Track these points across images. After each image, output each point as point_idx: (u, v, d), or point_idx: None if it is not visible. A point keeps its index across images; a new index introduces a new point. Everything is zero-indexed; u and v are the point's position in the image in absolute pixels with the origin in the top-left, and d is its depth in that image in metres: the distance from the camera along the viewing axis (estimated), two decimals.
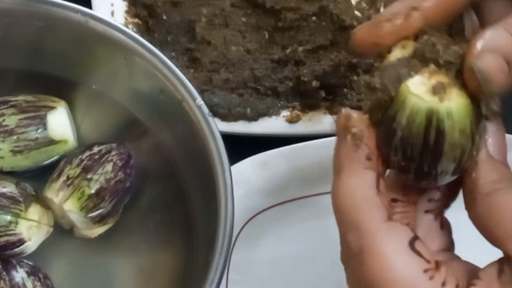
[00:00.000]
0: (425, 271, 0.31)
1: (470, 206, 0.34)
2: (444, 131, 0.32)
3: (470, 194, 0.33)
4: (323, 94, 0.60)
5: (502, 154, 0.34)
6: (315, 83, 0.60)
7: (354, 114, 0.34)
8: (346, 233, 0.33)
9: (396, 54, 0.34)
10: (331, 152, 0.55)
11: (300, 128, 0.60)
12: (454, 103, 0.32)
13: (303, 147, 0.55)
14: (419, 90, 0.32)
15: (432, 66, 0.33)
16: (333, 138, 0.55)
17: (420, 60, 0.33)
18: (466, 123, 0.32)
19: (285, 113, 0.60)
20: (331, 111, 0.60)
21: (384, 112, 0.34)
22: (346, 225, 0.33)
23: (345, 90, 0.61)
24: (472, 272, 0.33)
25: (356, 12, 0.64)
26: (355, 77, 0.61)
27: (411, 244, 0.32)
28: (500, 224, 0.32)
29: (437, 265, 0.32)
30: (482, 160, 0.33)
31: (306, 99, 0.61)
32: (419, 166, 0.34)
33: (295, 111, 0.61)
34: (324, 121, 0.60)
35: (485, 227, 0.33)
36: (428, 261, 0.32)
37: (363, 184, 0.33)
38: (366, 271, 0.32)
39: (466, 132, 0.32)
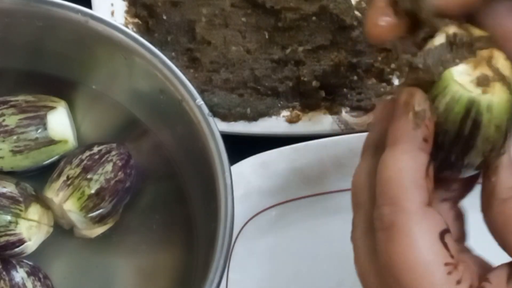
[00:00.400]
0: (446, 264, 0.31)
1: (486, 210, 0.33)
2: (481, 124, 0.32)
3: (488, 198, 0.33)
4: (323, 94, 0.60)
5: None
6: (315, 83, 0.60)
7: (418, 92, 0.33)
8: (383, 205, 0.32)
9: (440, 38, 0.34)
10: (331, 152, 0.56)
11: (300, 128, 0.60)
12: (496, 98, 0.32)
13: (303, 147, 0.55)
14: (463, 79, 0.32)
15: (478, 57, 0.33)
16: (333, 138, 0.56)
17: (463, 47, 0.33)
18: (503, 119, 0.32)
19: (285, 113, 0.60)
20: (331, 111, 0.60)
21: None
22: (386, 197, 0.32)
23: (345, 90, 0.61)
24: (483, 269, 0.33)
25: (356, 12, 0.64)
26: (355, 77, 0.61)
27: (442, 234, 0.32)
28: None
29: (457, 263, 0.32)
30: (503, 165, 0.33)
31: (306, 99, 0.61)
32: (447, 156, 0.33)
33: (295, 111, 0.61)
34: (324, 121, 0.60)
35: (499, 233, 0.32)
36: (452, 256, 0.31)
37: (414, 165, 0.32)
38: (390, 246, 0.31)
39: (501, 129, 0.32)
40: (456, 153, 0.33)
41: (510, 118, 0.32)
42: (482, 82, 0.32)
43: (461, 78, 0.32)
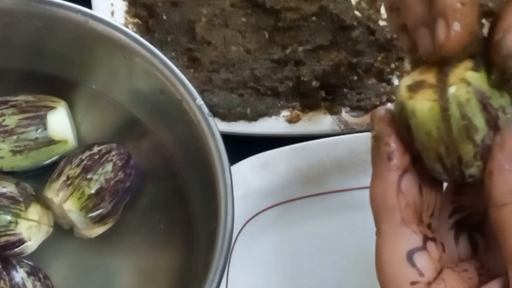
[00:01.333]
0: (412, 283, 0.32)
1: (488, 213, 0.33)
2: (411, 129, 0.33)
3: (486, 202, 0.33)
4: (323, 94, 0.60)
5: None
6: (315, 83, 0.60)
7: (377, 112, 0.34)
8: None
9: None
10: (331, 152, 0.56)
11: (300, 128, 0.60)
12: (418, 104, 0.32)
13: (303, 147, 0.55)
14: (405, 83, 0.33)
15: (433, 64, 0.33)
16: (333, 138, 0.56)
17: None
18: (431, 127, 0.32)
19: (285, 113, 0.60)
20: (331, 111, 0.60)
21: None
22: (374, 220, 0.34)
23: (345, 90, 0.61)
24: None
25: (356, 12, 0.64)
26: (355, 77, 0.61)
27: (410, 254, 0.33)
28: (507, 243, 0.31)
29: (432, 280, 0.32)
30: (495, 170, 0.32)
31: (306, 99, 0.61)
32: (413, 154, 0.34)
33: (295, 111, 0.61)
34: (324, 121, 0.60)
35: (496, 238, 0.32)
36: (421, 274, 0.32)
37: (384, 187, 0.33)
38: (375, 263, 0.34)
39: (432, 136, 0.32)
40: (414, 153, 0.34)
41: (443, 127, 0.32)
42: (412, 88, 0.33)
43: (405, 81, 0.33)
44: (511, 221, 0.31)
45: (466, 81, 0.32)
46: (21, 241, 0.46)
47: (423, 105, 0.32)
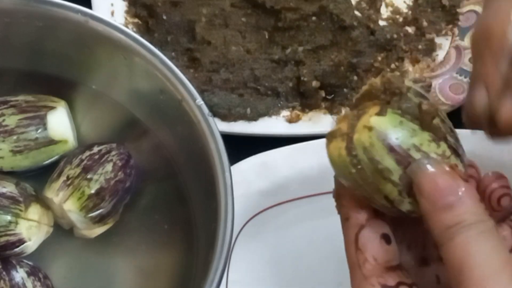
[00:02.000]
0: None
1: None
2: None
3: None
4: (323, 94, 0.60)
5: (444, 198, 0.32)
6: (315, 83, 0.60)
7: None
8: None
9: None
10: None
11: (300, 128, 0.60)
12: (330, 153, 0.34)
13: (303, 147, 0.55)
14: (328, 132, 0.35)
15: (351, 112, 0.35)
16: None
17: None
18: (345, 173, 0.34)
19: (285, 113, 0.60)
20: (331, 111, 0.60)
21: None
22: None
23: (345, 90, 0.61)
24: None
25: (356, 12, 0.64)
26: (355, 77, 0.61)
27: None
28: (452, 280, 0.31)
29: None
30: (425, 215, 0.32)
31: (306, 99, 0.61)
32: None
33: (295, 111, 0.61)
34: (324, 121, 0.60)
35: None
36: None
37: (346, 245, 0.35)
38: None
39: (350, 180, 0.34)
40: None
41: (355, 171, 0.33)
42: (328, 137, 0.35)
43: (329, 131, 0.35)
44: (451, 258, 0.31)
45: (368, 127, 0.33)
46: (21, 241, 0.46)
47: (333, 153, 0.34)
